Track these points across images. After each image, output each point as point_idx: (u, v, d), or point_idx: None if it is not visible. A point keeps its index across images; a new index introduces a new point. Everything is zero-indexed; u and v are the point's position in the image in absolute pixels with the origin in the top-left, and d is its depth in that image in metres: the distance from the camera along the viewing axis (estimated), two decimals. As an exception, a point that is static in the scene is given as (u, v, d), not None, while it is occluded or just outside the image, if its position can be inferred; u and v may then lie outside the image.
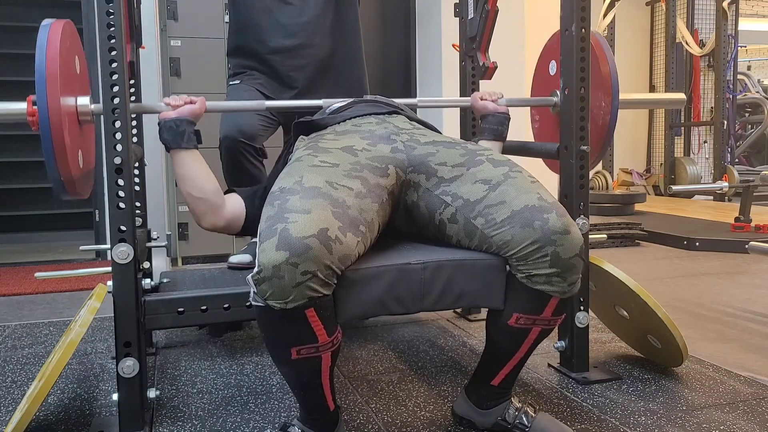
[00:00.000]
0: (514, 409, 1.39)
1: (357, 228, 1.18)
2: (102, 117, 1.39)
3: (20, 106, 1.38)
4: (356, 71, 2.26)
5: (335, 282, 1.13)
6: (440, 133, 1.58)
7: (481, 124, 1.78)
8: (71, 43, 1.45)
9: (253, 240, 2.04)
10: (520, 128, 2.16)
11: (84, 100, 1.45)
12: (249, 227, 1.60)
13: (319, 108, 1.70)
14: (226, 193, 1.61)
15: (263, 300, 1.10)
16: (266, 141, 2.17)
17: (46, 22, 1.37)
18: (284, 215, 1.11)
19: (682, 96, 1.98)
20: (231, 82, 2.19)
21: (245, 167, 2.05)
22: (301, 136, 1.55)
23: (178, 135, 1.53)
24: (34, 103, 1.32)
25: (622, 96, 1.77)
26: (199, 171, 1.54)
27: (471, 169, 1.35)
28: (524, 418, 1.37)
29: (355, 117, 1.55)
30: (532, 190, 1.28)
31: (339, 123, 1.54)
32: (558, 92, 1.79)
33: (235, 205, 1.58)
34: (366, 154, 1.37)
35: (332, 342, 1.17)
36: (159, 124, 1.54)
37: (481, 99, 1.77)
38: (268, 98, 2.13)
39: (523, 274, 1.24)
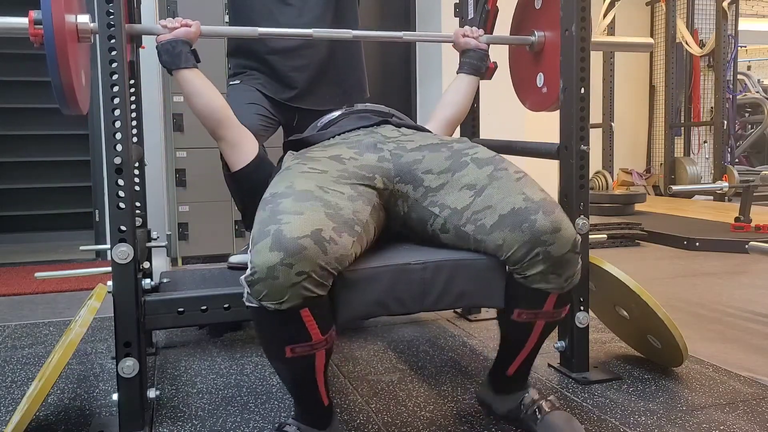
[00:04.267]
0: (530, 400, 1.40)
1: (352, 228, 1.19)
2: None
3: (22, 21, 1.42)
4: (355, 72, 2.26)
5: (330, 283, 1.14)
6: (429, 132, 1.59)
7: (461, 59, 1.94)
8: None
9: None
10: (519, 128, 2.16)
11: (84, 18, 1.48)
12: (242, 175, 1.69)
13: (310, 36, 1.78)
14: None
15: (257, 301, 1.11)
16: (266, 141, 2.17)
17: None
18: (277, 217, 1.12)
19: (650, 40, 2.06)
20: (231, 82, 2.19)
21: None
22: (290, 151, 1.57)
23: (176, 56, 1.60)
24: (37, 22, 1.37)
25: (594, 38, 1.79)
26: (202, 87, 1.63)
27: (456, 173, 1.36)
28: (537, 411, 1.38)
29: (343, 132, 1.57)
30: (517, 190, 1.28)
31: (327, 139, 1.57)
32: (536, 32, 1.88)
33: (251, 141, 1.71)
34: (353, 162, 1.38)
35: (326, 340, 1.18)
36: (156, 47, 1.62)
37: (464, 35, 1.91)
38: (268, 98, 2.12)
39: (519, 276, 1.26)
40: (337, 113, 1.72)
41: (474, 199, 1.30)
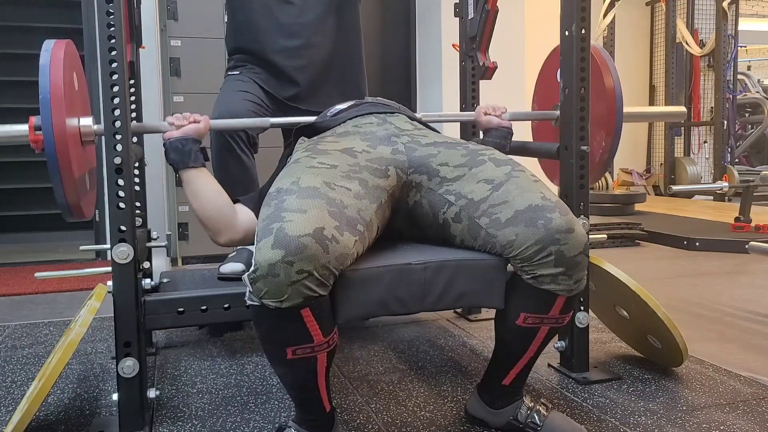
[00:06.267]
0: (526, 408, 1.39)
1: (354, 227, 1.19)
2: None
3: (22, 129, 1.34)
4: (355, 74, 2.25)
5: (331, 282, 1.14)
6: (440, 133, 1.58)
7: (483, 138, 1.80)
8: (72, 63, 1.44)
9: (242, 247, 2.02)
10: (520, 128, 2.16)
11: (87, 121, 1.43)
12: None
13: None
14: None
15: (259, 299, 1.10)
16: (265, 141, 2.16)
17: (47, 44, 1.35)
18: (281, 214, 1.12)
19: (682, 109, 2.06)
20: (229, 73, 2.16)
21: (234, 152, 2.00)
22: (302, 137, 1.55)
23: (185, 154, 1.49)
24: (37, 128, 1.30)
25: (625, 110, 1.78)
26: (211, 189, 1.50)
27: (473, 168, 1.36)
28: (536, 417, 1.37)
29: (355, 117, 1.54)
30: (535, 189, 1.28)
31: (339, 125, 1.54)
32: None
33: (247, 216, 1.52)
34: (366, 155, 1.37)
35: (328, 342, 1.18)
36: (164, 145, 1.51)
37: (485, 114, 1.78)
38: (266, 93, 2.11)
39: (529, 276, 1.25)
40: (347, 104, 1.67)
41: (491, 192, 1.30)
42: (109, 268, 1.41)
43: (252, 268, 1.10)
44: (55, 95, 1.29)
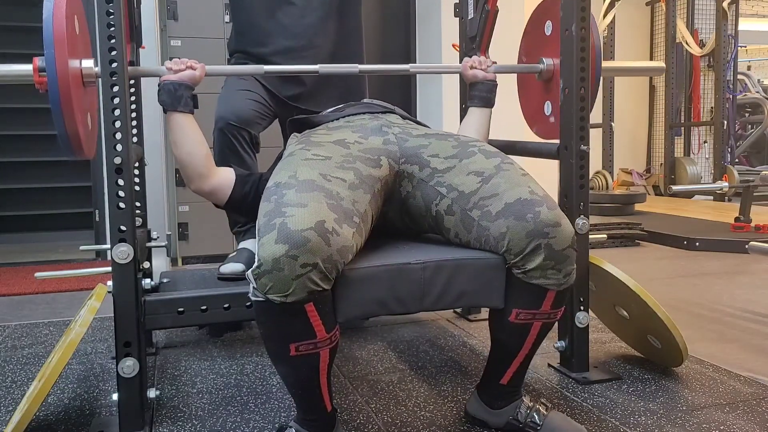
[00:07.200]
0: (526, 407, 1.40)
1: (351, 219, 1.20)
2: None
3: (26, 68, 1.41)
4: (357, 75, 2.25)
5: (334, 276, 1.15)
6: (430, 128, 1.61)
7: (470, 92, 1.84)
8: (75, 6, 1.46)
9: (243, 247, 2.02)
10: (519, 127, 2.16)
11: (88, 63, 1.46)
12: (232, 205, 1.64)
13: (316, 73, 1.73)
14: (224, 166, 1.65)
15: (263, 294, 1.11)
16: (266, 141, 2.16)
17: None
18: (281, 209, 1.14)
19: (661, 64, 2.06)
20: None
21: (237, 152, 1.99)
22: (294, 133, 1.57)
23: (176, 99, 1.56)
24: (41, 69, 1.35)
25: (604, 64, 1.81)
26: (191, 136, 1.57)
27: (463, 160, 1.38)
28: (536, 417, 1.38)
29: (348, 115, 1.58)
30: (523, 183, 1.30)
31: (332, 121, 1.58)
32: (544, 59, 1.85)
33: (225, 177, 1.61)
34: (358, 146, 1.40)
35: (330, 339, 1.18)
36: (159, 85, 1.57)
37: (471, 67, 1.82)
38: (268, 91, 2.11)
39: (519, 270, 1.26)
40: (342, 105, 1.73)
41: (481, 185, 1.32)
42: (109, 268, 1.41)
43: (256, 264, 1.11)
44: (59, 38, 1.32)
